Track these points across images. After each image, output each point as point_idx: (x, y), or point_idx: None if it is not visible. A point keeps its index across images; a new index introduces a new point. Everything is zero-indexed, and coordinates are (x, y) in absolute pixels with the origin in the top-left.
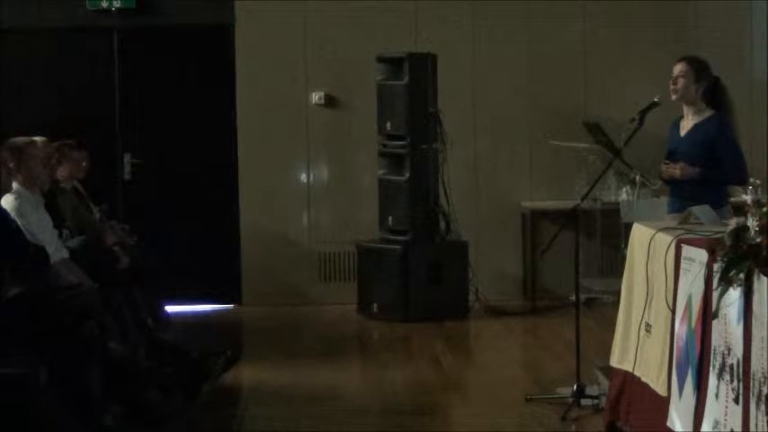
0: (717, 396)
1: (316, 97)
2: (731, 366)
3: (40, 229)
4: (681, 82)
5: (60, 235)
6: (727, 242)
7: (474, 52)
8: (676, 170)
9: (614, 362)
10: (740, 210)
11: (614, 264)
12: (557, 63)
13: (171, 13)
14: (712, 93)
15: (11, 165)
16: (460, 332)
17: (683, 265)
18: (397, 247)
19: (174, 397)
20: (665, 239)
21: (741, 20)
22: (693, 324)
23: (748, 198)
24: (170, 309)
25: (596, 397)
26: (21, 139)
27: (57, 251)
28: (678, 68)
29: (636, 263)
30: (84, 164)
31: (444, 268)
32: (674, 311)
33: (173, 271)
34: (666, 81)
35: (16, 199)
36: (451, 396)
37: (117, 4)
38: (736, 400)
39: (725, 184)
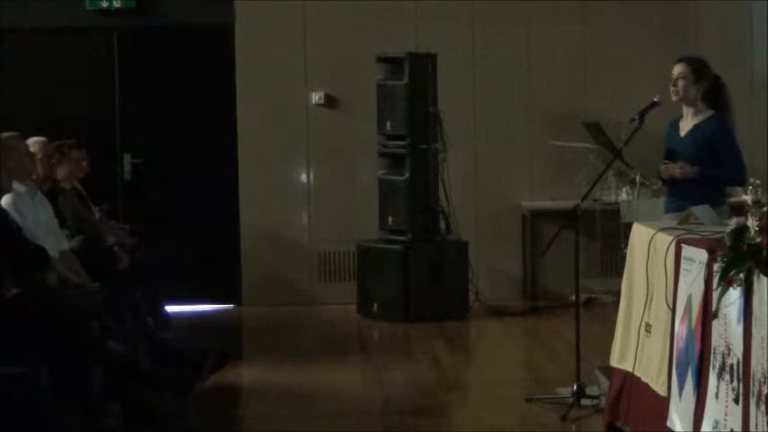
0: (717, 396)
1: (316, 97)
2: (731, 366)
3: (38, 223)
4: (681, 83)
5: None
6: (727, 242)
7: (474, 52)
8: (676, 169)
9: (614, 362)
10: (740, 210)
11: (614, 264)
12: (557, 63)
13: (171, 13)
14: (712, 91)
15: (6, 162)
16: (460, 332)
17: (683, 265)
18: (397, 247)
19: (173, 397)
20: (665, 239)
21: (741, 20)
22: (693, 324)
23: (748, 198)
24: (170, 309)
25: (596, 397)
26: (4, 135)
27: (58, 241)
28: (677, 69)
29: (636, 263)
30: (84, 164)
31: (444, 268)
32: (674, 311)
33: (173, 271)
34: (666, 81)
35: (14, 197)
36: (451, 396)
37: (117, 4)
38: (736, 400)
39: (724, 185)
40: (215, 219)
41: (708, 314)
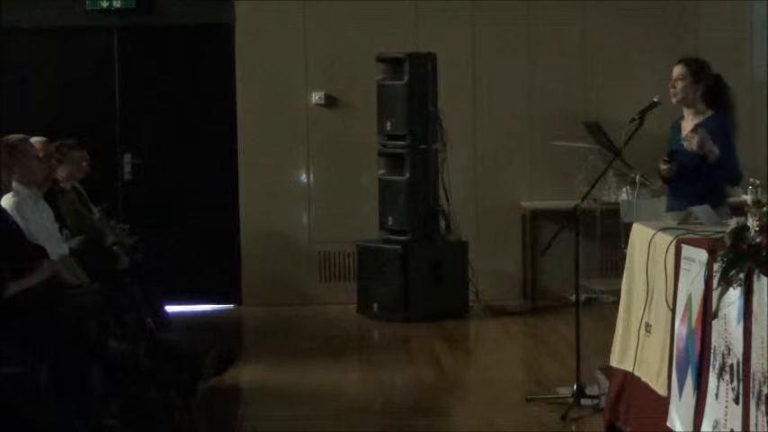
0: (717, 396)
1: (316, 97)
2: (731, 366)
3: (39, 226)
4: (679, 85)
5: (60, 234)
6: (727, 242)
7: (474, 52)
8: (694, 139)
9: (614, 362)
10: (740, 210)
11: (614, 264)
12: (557, 63)
13: (171, 13)
14: (713, 92)
15: (7, 163)
16: (460, 332)
17: (683, 265)
18: (397, 247)
19: (173, 397)
20: (665, 239)
21: (741, 20)
22: (693, 324)
23: (748, 198)
24: (170, 309)
25: (596, 397)
26: (13, 137)
27: (58, 245)
28: (677, 71)
29: (636, 263)
30: (84, 164)
31: (444, 268)
32: (674, 311)
33: (173, 271)
34: (667, 81)
35: (15, 198)
36: (451, 396)
37: (117, 4)
38: (736, 400)
39: (722, 177)
40: (215, 219)
41: (708, 314)
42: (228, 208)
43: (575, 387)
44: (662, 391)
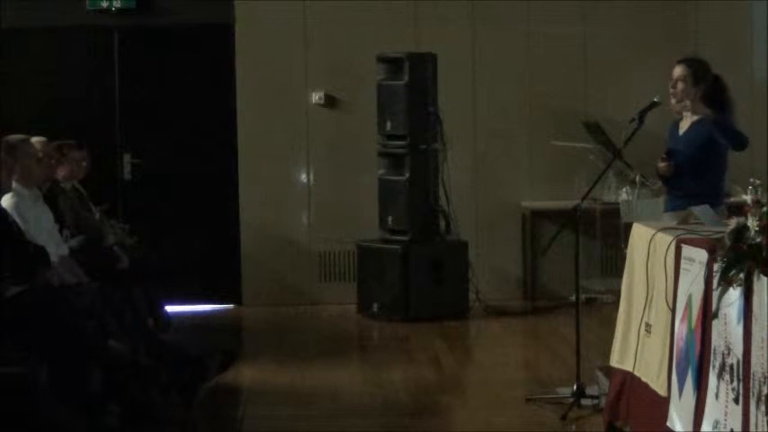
0: (717, 396)
1: (316, 97)
2: (731, 366)
3: (39, 226)
4: (680, 86)
5: (60, 234)
6: (727, 242)
7: (474, 52)
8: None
9: (614, 362)
10: (739, 210)
11: (614, 264)
12: (557, 63)
13: (171, 13)
14: (713, 92)
15: (7, 162)
16: (460, 332)
17: (683, 265)
18: (397, 247)
19: (173, 397)
20: (665, 239)
21: (741, 20)
22: (693, 324)
23: (748, 198)
24: (170, 309)
25: (596, 397)
26: (14, 137)
27: (58, 246)
28: (677, 72)
29: (636, 263)
30: (84, 164)
31: (444, 268)
32: (674, 311)
33: (173, 271)
34: (667, 81)
35: (15, 198)
36: (451, 396)
37: (117, 4)
38: (736, 400)
39: (732, 137)
40: (215, 219)
41: (708, 314)
42: (228, 208)
43: (575, 387)
44: (662, 391)
